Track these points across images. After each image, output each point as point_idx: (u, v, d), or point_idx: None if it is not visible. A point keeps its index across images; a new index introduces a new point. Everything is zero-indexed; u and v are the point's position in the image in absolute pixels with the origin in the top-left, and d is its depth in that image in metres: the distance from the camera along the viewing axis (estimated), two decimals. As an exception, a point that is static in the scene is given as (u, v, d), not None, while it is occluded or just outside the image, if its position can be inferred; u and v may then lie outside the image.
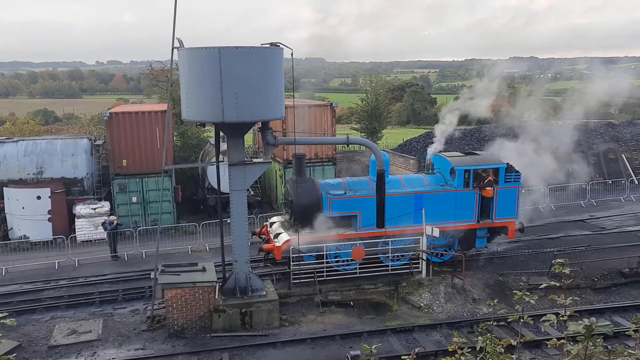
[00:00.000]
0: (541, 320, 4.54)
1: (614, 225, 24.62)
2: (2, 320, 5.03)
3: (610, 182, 31.01)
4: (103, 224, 22.92)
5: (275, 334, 15.39)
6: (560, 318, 4.22)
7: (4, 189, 24.93)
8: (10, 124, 51.91)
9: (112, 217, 23.11)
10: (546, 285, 5.03)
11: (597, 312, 16.21)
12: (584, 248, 20.82)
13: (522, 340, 4.80)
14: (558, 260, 4.86)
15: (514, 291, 5.57)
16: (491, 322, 5.55)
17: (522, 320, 4.64)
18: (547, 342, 4.29)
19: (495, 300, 6.72)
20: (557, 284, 4.79)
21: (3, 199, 24.97)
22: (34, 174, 25.28)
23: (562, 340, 4.29)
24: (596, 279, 18.50)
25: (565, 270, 4.68)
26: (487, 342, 4.92)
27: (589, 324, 4.00)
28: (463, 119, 23.08)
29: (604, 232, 23.61)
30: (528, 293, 4.79)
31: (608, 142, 33.54)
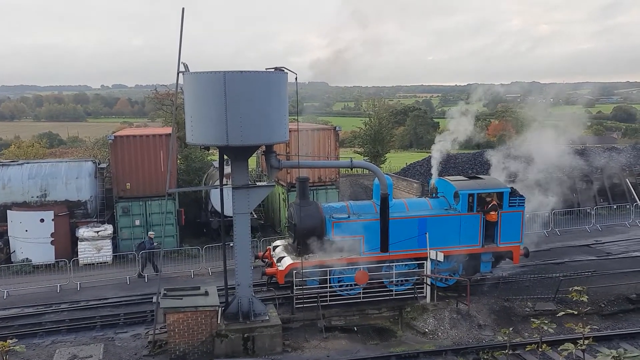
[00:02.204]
0: (559, 349, 4.44)
1: (620, 250, 24.41)
2: (12, 347, 4.98)
3: (615, 206, 30.87)
4: (141, 244, 23.04)
5: (277, 360, 15.19)
6: (579, 347, 4.12)
7: (8, 211, 24.95)
8: (15, 147, 52.27)
9: (151, 233, 23.48)
10: (563, 312, 4.93)
11: (605, 339, 15.96)
12: (589, 273, 20.61)
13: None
14: (576, 287, 4.78)
15: (531, 319, 5.46)
16: (507, 351, 5.45)
17: (540, 350, 4.55)
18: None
19: (511, 329, 6.60)
20: (575, 312, 4.70)
21: (6, 221, 24.98)
22: (37, 196, 25.32)
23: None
24: (603, 305, 18.27)
25: (583, 298, 4.59)
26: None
27: (617, 354, 3.87)
28: (466, 144, 23.14)
29: (610, 257, 23.40)
30: (546, 321, 4.70)
31: (612, 166, 33.50)
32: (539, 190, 21.54)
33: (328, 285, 17.88)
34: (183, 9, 14.40)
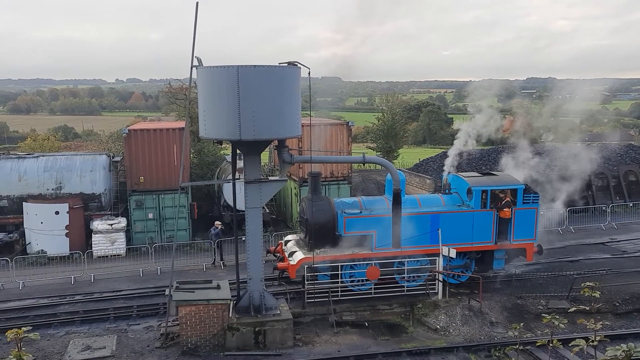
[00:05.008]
0: (570, 345, 4.39)
1: (636, 248, 24.08)
2: (26, 335, 5.04)
3: (631, 204, 30.46)
4: (209, 233, 23.97)
5: (288, 354, 15.24)
6: (590, 343, 4.06)
7: (24, 203, 25.26)
8: (31, 139, 52.89)
9: (217, 222, 24.16)
10: (575, 309, 4.88)
11: (619, 337, 15.76)
12: (604, 272, 20.37)
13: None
14: (588, 283, 4.72)
15: (542, 314, 5.40)
16: (517, 346, 5.40)
17: (551, 345, 4.50)
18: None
19: (522, 324, 6.55)
20: (587, 308, 4.64)
21: (22, 213, 25.30)
22: (53, 189, 25.60)
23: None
24: (617, 304, 18.05)
25: (595, 294, 4.54)
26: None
27: (627, 349, 3.82)
28: (480, 140, 22.95)
29: (625, 255, 23.11)
30: (557, 317, 4.65)
31: (629, 164, 33.06)
32: (552, 188, 21.31)
33: (339, 280, 17.88)
34: (197, 3, 14.41)
